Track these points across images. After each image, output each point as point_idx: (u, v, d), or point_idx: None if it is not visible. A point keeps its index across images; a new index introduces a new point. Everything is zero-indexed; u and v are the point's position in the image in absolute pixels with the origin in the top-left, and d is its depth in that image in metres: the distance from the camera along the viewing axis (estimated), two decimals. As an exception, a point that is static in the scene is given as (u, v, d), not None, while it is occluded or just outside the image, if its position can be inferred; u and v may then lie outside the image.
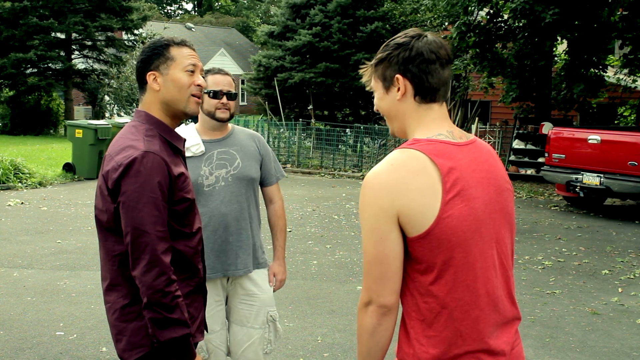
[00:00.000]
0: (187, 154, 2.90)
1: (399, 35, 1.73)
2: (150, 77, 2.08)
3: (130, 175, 1.93)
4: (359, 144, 16.03)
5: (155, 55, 2.08)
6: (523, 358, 1.75)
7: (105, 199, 2.01)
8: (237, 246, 2.98)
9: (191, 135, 2.98)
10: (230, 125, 3.10)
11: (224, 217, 2.94)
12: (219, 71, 3.03)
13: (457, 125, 15.28)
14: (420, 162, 1.61)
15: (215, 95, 2.95)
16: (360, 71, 1.80)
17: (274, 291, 3.19)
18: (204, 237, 2.84)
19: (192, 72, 2.10)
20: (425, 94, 1.70)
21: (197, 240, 2.15)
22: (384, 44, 1.75)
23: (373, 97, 1.83)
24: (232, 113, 3.00)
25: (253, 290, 3.05)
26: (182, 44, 2.12)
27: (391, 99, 1.73)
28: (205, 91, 2.93)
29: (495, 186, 1.71)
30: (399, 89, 1.70)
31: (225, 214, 2.95)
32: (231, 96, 2.99)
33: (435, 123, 1.71)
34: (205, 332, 2.29)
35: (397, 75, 1.70)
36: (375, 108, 1.81)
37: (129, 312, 2.02)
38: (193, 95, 2.11)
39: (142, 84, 2.11)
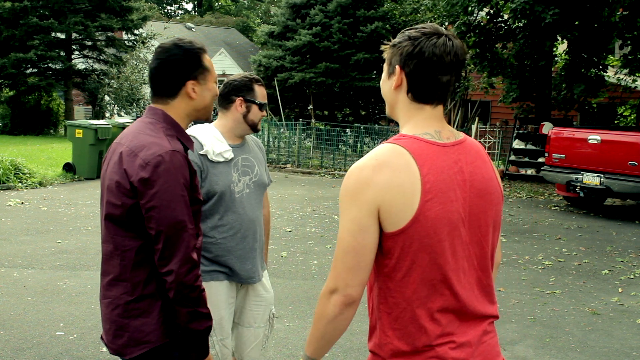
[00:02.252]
0: (219, 159, 2.88)
1: (419, 26, 1.73)
2: (189, 85, 2.10)
3: (160, 173, 1.94)
4: (359, 144, 16.04)
5: (194, 64, 2.10)
6: (496, 352, 1.76)
7: (123, 194, 1.99)
8: (259, 252, 3.03)
9: (219, 139, 2.93)
10: None
11: (252, 224, 2.96)
12: (262, 83, 3.07)
13: (457, 125, 15.25)
14: (404, 159, 1.63)
15: (262, 107, 3.00)
16: (382, 47, 1.80)
17: None
18: (231, 244, 2.91)
19: (216, 82, 2.19)
20: (418, 94, 1.71)
21: (201, 242, 2.19)
22: (403, 30, 1.75)
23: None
24: None
25: (261, 292, 3.10)
26: (204, 49, 2.16)
27: (389, 86, 1.77)
28: (257, 102, 2.98)
29: (478, 189, 1.72)
30: (397, 82, 1.73)
31: (253, 221, 2.97)
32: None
33: (424, 122, 1.72)
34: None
35: (397, 66, 1.72)
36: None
37: (134, 308, 2.03)
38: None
39: (175, 89, 2.10)
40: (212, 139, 2.91)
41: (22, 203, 10.22)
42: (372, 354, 1.75)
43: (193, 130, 2.96)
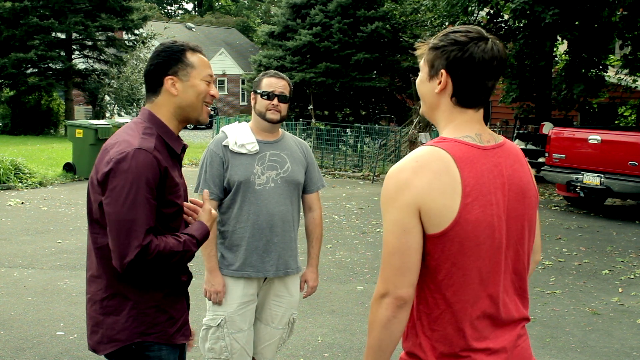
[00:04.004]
0: (242, 150, 3.00)
1: (462, 29, 1.71)
2: (168, 81, 2.11)
3: (120, 170, 1.95)
4: (359, 144, 16.03)
5: (173, 60, 2.11)
6: (529, 354, 1.78)
7: (95, 191, 2.04)
8: (281, 247, 3.06)
9: (246, 133, 3.06)
10: (281, 130, 3.19)
11: (272, 217, 3.01)
12: (275, 74, 3.11)
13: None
14: (444, 162, 1.63)
15: (267, 96, 3.03)
16: (417, 44, 1.79)
17: (304, 297, 3.30)
18: (248, 235, 2.97)
19: (209, 82, 2.16)
20: (463, 98, 1.71)
21: (164, 244, 2.15)
22: (444, 32, 1.73)
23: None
24: (282, 116, 3.08)
25: (283, 293, 3.14)
26: (196, 49, 2.16)
27: (431, 88, 1.74)
28: (259, 92, 3.04)
29: (516, 192, 1.72)
30: (440, 82, 1.71)
31: (273, 214, 3.01)
32: (283, 99, 3.06)
33: (465, 125, 1.72)
34: (187, 335, 2.22)
35: (443, 70, 1.70)
36: (415, 85, 1.84)
37: (107, 305, 2.06)
38: (205, 104, 2.17)
39: (156, 86, 2.13)
40: (238, 132, 3.05)
41: (23, 203, 10.23)
42: (408, 355, 1.74)
43: (226, 126, 3.12)
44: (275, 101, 3.03)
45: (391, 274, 1.64)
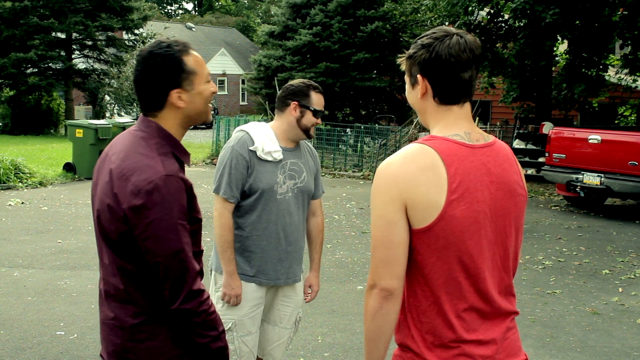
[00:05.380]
0: (267, 157, 2.94)
1: (429, 33, 1.77)
2: (173, 95, 1.91)
3: (155, 202, 1.79)
4: (359, 144, 16.03)
5: (174, 71, 1.90)
6: (518, 346, 1.81)
7: (116, 220, 1.86)
8: (293, 257, 3.06)
9: (272, 139, 3.00)
10: None
11: (289, 227, 3.00)
12: (320, 91, 3.09)
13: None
14: (431, 158, 1.67)
15: (317, 114, 3.02)
16: (398, 60, 1.85)
17: (307, 301, 3.33)
18: (265, 243, 2.95)
19: (209, 81, 2.00)
20: (444, 96, 1.75)
21: (201, 260, 2.08)
22: (415, 40, 1.80)
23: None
24: None
25: (291, 294, 3.15)
26: (187, 48, 1.95)
27: (415, 95, 1.81)
28: (311, 108, 3.00)
29: (504, 191, 1.75)
30: (420, 88, 1.77)
31: (289, 224, 3.00)
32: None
33: (454, 123, 1.76)
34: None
35: (418, 75, 1.76)
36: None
37: (140, 331, 1.92)
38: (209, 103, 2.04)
39: (159, 101, 1.92)
40: (264, 137, 2.97)
41: (23, 203, 10.22)
42: (400, 347, 1.78)
43: (248, 126, 3.03)
44: (320, 120, 3.05)
45: (376, 266, 1.70)
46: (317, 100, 3.03)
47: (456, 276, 1.68)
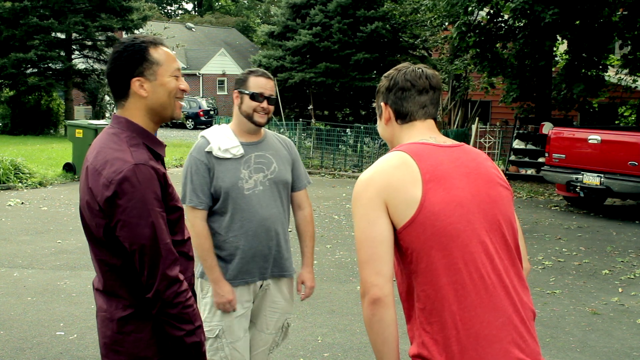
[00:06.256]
0: (226, 155, 2.86)
1: (395, 67, 1.94)
2: (135, 83, 1.97)
3: (125, 192, 1.83)
4: (359, 144, 16.03)
5: (137, 60, 1.96)
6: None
7: (94, 214, 1.91)
8: (276, 251, 2.97)
9: (229, 136, 2.92)
10: (263, 129, 3.05)
11: (265, 222, 2.90)
12: (263, 74, 2.95)
13: (457, 125, 15.21)
14: (401, 158, 1.77)
15: (256, 98, 2.89)
16: (374, 104, 1.97)
17: (302, 299, 3.19)
18: (243, 243, 2.87)
19: (177, 77, 2.02)
20: (404, 116, 1.89)
21: (189, 246, 2.10)
22: (382, 78, 1.97)
23: (373, 98, 1.93)
24: (269, 118, 2.96)
25: (278, 299, 3.05)
26: (159, 43, 2.01)
27: (382, 125, 1.95)
28: (247, 92, 2.89)
29: (484, 180, 1.79)
30: (385, 116, 1.91)
31: (266, 219, 2.91)
32: (272, 101, 2.93)
33: (419, 133, 1.87)
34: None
35: (382, 103, 1.92)
36: None
37: (128, 324, 1.96)
38: (177, 99, 2.04)
39: (123, 89, 1.99)
40: (220, 136, 2.90)
41: (22, 203, 10.23)
42: (413, 358, 1.75)
43: (206, 130, 2.99)
44: (265, 104, 2.89)
45: (362, 268, 1.72)
46: (256, 83, 2.89)
47: (454, 261, 1.69)
